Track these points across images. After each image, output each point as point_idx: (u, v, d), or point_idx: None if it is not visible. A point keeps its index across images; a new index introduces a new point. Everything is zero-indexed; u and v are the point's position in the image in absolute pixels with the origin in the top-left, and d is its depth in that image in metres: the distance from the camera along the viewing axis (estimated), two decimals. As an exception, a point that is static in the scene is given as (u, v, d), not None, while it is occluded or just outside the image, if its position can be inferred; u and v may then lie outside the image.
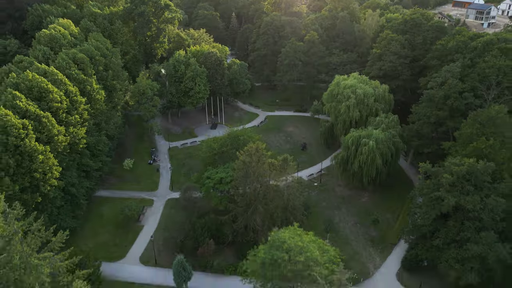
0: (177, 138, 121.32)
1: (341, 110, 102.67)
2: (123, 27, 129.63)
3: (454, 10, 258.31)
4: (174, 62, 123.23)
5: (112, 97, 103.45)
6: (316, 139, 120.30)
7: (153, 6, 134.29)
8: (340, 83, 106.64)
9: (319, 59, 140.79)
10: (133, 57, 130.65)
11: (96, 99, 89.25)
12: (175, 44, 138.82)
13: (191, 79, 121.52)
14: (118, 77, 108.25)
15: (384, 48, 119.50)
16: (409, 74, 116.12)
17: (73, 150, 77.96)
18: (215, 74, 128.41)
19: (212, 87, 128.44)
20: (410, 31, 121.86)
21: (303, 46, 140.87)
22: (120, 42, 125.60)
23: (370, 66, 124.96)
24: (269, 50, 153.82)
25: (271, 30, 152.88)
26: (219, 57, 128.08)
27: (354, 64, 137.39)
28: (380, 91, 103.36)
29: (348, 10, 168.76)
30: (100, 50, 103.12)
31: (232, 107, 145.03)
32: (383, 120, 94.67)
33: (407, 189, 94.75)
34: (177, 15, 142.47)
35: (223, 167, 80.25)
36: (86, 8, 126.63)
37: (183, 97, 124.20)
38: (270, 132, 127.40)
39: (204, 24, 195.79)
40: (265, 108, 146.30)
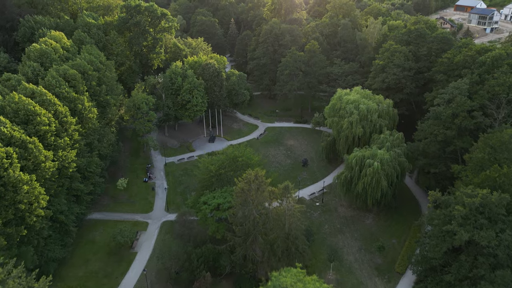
0: (173, 152, 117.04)
1: (344, 126, 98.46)
2: (118, 37, 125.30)
3: (456, 15, 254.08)
4: (170, 74, 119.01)
5: (106, 113, 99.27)
6: (318, 153, 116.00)
7: (149, 15, 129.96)
8: (343, 98, 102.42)
9: (320, 69, 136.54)
10: (129, 68, 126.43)
11: (88, 118, 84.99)
12: (172, 54, 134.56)
13: (188, 92, 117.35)
14: (112, 91, 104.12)
15: (387, 59, 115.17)
16: (413, 87, 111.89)
17: (62, 174, 73.64)
18: (213, 85, 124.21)
19: (210, 99, 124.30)
20: (414, 42, 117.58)
21: (304, 56, 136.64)
22: (115, 53, 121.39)
23: (372, 77, 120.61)
24: (268, 59, 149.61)
25: (271, 39, 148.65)
26: (217, 68, 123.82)
27: (356, 75, 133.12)
28: (384, 106, 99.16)
29: (349, 17, 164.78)
30: (93, 64, 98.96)
31: (231, 118, 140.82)
32: (388, 138, 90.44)
33: (413, 210, 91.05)
34: (174, 24, 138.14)
35: (221, 191, 76.04)
36: (80, 18, 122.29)
37: (180, 110, 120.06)
38: (270, 145, 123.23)
39: (203, 30, 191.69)
40: (265, 119, 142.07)
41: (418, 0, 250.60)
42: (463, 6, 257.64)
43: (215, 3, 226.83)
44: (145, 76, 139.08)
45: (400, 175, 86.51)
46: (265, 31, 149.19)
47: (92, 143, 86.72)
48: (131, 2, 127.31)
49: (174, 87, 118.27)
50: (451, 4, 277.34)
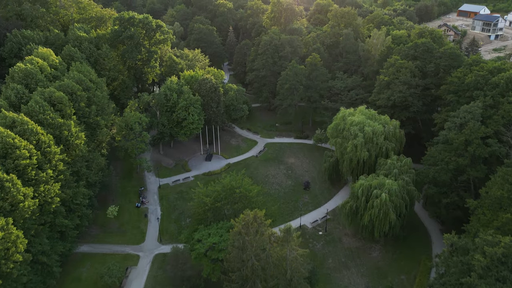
0: (168, 173, 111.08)
1: (348, 149, 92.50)
2: (111, 51, 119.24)
3: (459, 20, 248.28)
4: (165, 90, 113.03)
5: (96, 135, 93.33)
6: (320, 173, 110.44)
7: (144, 28, 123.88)
8: (346, 119, 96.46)
9: (322, 82, 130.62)
10: (122, 83, 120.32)
11: (75, 145, 78.96)
12: (167, 68, 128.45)
13: (184, 109, 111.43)
14: (103, 111, 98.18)
15: (393, 75, 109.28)
16: (420, 105, 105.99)
17: (45, 211, 67.69)
18: (210, 101, 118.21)
19: (207, 115, 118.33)
20: (421, 57, 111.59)
21: (305, 69, 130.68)
22: (107, 68, 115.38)
23: (377, 93, 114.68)
24: (268, 70, 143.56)
25: (270, 50, 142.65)
26: (214, 83, 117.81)
27: (359, 89, 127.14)
28: (391, 128, 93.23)
29: (351, 27, 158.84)
30: (82, 83, 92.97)
31: (229, 133, 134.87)
32: (395, 163, 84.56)
33: (422, 240, 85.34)
34: (170, 36, 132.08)
35: (217, 227, 70.18)
36: (70, 31, 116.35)
37: (175, 128, 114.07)
38: (269, 164, 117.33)
39: (200, 39, 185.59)
40: (264, 134, 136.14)
41: (420, 6, 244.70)
42: (466, 11, 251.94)
43: (213, 10, 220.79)
44: (139, 91, 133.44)
45: (409, 205, 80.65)
46: (265, 42, 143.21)
47: (80, 171, 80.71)
48: (124, 15, 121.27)
49: (169, 104, 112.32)
50: (453, 10, 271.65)
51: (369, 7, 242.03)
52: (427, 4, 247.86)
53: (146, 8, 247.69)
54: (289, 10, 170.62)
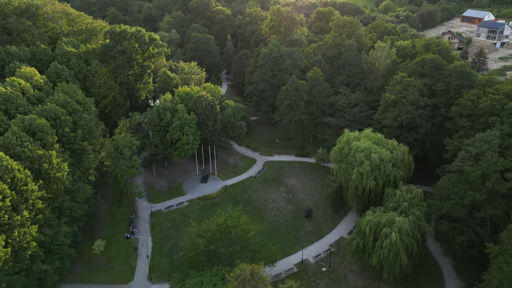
0: (161, 197, 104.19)
1: (353, 176, 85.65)
2: (101, 66, 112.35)
3: (463, 27, 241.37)
4: (159, 109, 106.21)
5: (81, 162, 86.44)
6: (322, 197, 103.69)
7: (136, 41, 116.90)
8: (351, 143, 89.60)
9: (324, 98, 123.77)
10: (113, 101, 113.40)
11: (56, 178, 72.02)
12: (161, 84, 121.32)
13: (179, 129, 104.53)
14: (91, 134, 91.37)
15: (399, 94, 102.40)
16: (429, 126, 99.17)
17: (20, 258, 60.81)
18: (206, 120, 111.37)
19: (202, 134, 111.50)
20: (429, 74, 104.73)
21: (306, 85, 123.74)
22: (97, 85, 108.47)
23: (382, 111, 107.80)
24: (267, 84, 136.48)
25: (270, 63, 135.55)
26: (210, 101, 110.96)
27: (362, 105, 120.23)
28: (399, 154, 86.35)
29: (354, 36, 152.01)
30: (67, 105, 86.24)
31: (226, 151, 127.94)
32: (405, 195, 77.73)
33: (434, 278, 78.49)
34: (164, 49, 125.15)
35: (210, 273, 63.28)
36: (58, 46, 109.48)
37: (169, 148, 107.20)
38: (269, 185, 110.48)
39: (197, 48, 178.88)
40: (263, 151, 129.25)
41: (423, 12, 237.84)
42: (470, 17, 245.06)
43: (211, 16, 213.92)
44: (132, 107, 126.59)
45: (421, 243, 73.73)
46: (264, 55, 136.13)
47: (62, 205, 73.74)
48: (115, 28, 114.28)
49: (162, 124, 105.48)
50: (456, 15, 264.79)
51: (370, 13, 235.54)
52: (430, 10, 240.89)
53: (142, 14, 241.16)
54: (289, 18, 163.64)
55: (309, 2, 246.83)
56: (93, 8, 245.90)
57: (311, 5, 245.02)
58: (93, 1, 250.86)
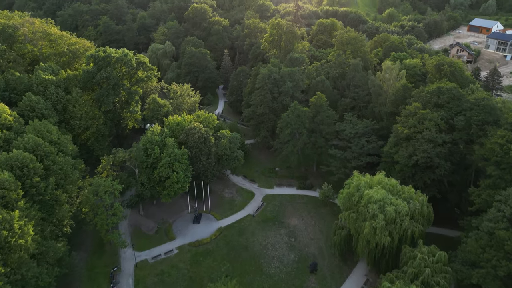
0: (148, 242, 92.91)
1: (365, 230, 74.43)
2: (84, 95, 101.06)
3: (470, 36, 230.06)
4: (146, 144, 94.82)
5: (54, 215, 75.04)
6: (328, 240, 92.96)
7: (123, 65, 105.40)
8: (362, 191, 78.31)
9: (328, 126, 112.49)
10: (96, 132, 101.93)
11: (18, 246, 60.68)
12: (150, 112, 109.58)
13: (168, 165, 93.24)
14: (67, 179, 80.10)
15: (414, 128, 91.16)
16: (448, 165, 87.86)
17: None
18: (199, 154, 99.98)
19: (195, 169, 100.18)
20: (446, 106, 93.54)
21: (309, 112, 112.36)
22: (78, 116, 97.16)
23: (393, 145, 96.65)
24: (266, 107, 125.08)
25: (269, 85, 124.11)
26: (204, 133, 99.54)
27: (371, 134, 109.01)
28: (417, 205, 75.03)
29: (359, 54, 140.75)
30: (39, 149, 74.98)
31: (221, 182, 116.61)
32: (426, 259, 66.53)
33: None
34: (154, 72, 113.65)
35: None
36: (36, 72, 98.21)
37: (157, 187, 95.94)
38: (268, 226, 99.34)
39: (192, 63, 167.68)
40: (262, 182, 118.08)
41: (429, 21, 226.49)
42: (477, 26, 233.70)
43: (207, 27, 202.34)
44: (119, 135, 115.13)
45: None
46: (263, 76, 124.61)
47: (25, 276, 62.30)
48: (99, 53, 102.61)
49: (150, 160, 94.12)
50: (462, 23, 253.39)
51: (374, 23, 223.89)
52: (436, 19, 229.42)
53: (136, 23, 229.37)
54: (289, 33, 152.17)
55: (309, 11, 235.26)
56: (85, 16, 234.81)
57: (312, 13, 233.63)
58: (85, 9, 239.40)
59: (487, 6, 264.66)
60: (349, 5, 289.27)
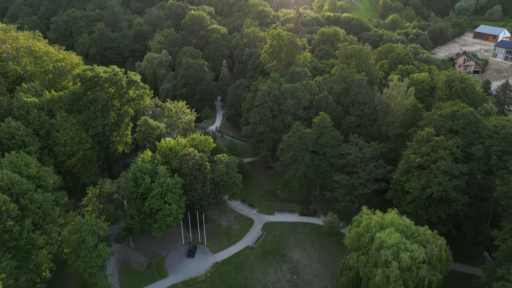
0: (137, 280, 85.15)
1: (376, 278, 66.33)
2: (69, 117, 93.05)
3: (476, 44, 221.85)
4: (135, 172, 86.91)
5: (30, 260, 67.05)
6: (333, 278, 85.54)
7: (113, 85, 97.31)
8: (373, 232, 70.25)
9: (333, 149, 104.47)
10: (83, 158, 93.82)
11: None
12: (141, 134, 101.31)
13: (159, 196, 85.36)
14: (46, 218, 72.08)
15: (427, 157, 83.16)
16: (466, 199, 79.86)
17: None
18: (194, 182, 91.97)
19: (189, 198, 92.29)
20: (462, 132, 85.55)
21: (312, 133, 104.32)
22: (62, 142, 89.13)
23: (404, 173, 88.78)
24: (266, 126, 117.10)
25: (269, 102, 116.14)
26: (198, 159, 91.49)
27: (379, 158, 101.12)
28: (435, 250, 66.91)
29: (363, 67, 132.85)
30: (14, 187, 66.90)
31: (218, 208, 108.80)
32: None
33: None
34: (146, 91, 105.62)
35: None
36: (17, 94, 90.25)
37: (148, 219, 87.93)
38: (269, 261, 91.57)
39: (189, 75, 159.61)
40: (262, 207, 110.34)
41: (434, 28, 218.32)
42: (483, 33, 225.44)
43: (205, 36, 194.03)
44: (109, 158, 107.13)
45: None
46: (262, 94, 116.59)
47: None
48: (87, 72, 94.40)
49: (140, 190, 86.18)
50: (468, 29, 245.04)
51: (377, 30, 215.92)
52: (441, 25, 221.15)
53: (132, 30, 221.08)
54: (290, 44, 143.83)
55: (310, 17, 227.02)
56: (80, 23, 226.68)
57: (313, 20, 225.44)
58: (79, 15, 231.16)
59: (492, 12, 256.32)
60: (351, 10, 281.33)
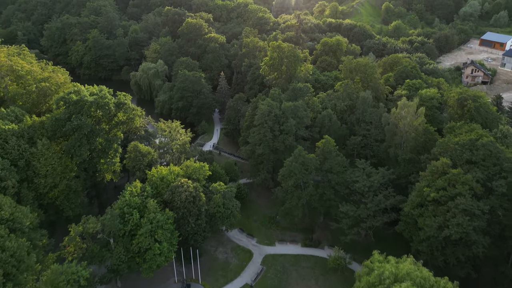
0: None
1: None
2: (52, 145, 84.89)
3: (483, 52, 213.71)
4: (123, 207, 78.82)
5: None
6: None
7: (100, 109, 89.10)
8: (386, 283, 62.18)
9: (338, 175, 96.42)
10: (67, 189, 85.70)
11: None
12: (130, 161, 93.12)
13: (149, 234, 77.35)
14: (20, 267, 63.90)
15: (443, 191, 75.11)
16: (487, 240, 71.83)
17: None
18: (187, 215, 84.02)
19: (182, 233, 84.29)
20: (481, 164, 77.45)
21: (315, 159, 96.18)
22: (42, 173, 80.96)
23: (417, 205, 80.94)
24: (266, 147, 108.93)
25: (269, 122, 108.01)
26: (192, 191, 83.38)
27: (388, 185, 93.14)
28: (455, 306, 59.08)
29: (369, 84, 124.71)
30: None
31: (215, 238, 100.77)
32: None
33: None
34: (137, 112, 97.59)
35: None
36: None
37: (137, 258, 79.83)
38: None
39: (185, 88, 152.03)
40: (262, 237, 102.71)
41: (439, 36, 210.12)
42: (490, 41, 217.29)
43: (203, 45, 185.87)
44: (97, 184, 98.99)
45: None
46: (262, 113, 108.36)
47: None
48: (71, 95, 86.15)
49: (127, 228, 78.11)
50: (473, 35, 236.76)
51: (381, 37, 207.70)
52: (446, 33, 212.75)
53: (128, 38, 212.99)
54: (291, 56, 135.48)
55: (312, 24, 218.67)
56: (74, 30, 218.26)
57: (314, 27, 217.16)
58: (73, 22, 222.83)
59: (498, 18, 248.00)
60: (353, 15, 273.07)
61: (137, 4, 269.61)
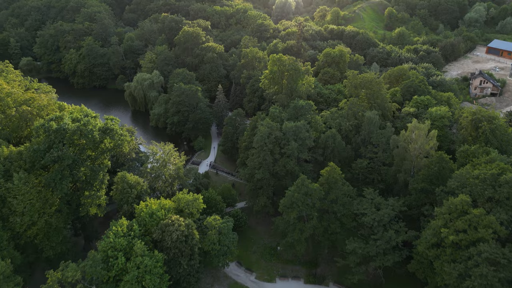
0: None
1: None
2: (31, 177, 76.52)
3: (490, 60, 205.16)
4: (107, 250, 70.56)
5: None
6: None
7: (83, 138, 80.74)
8: None
9: (344, 207, 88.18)
10: (46, 226, 77.40)
11: None
12: (118, 194, 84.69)
13: (136, 281, 69.07)
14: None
15: (463, 234, 66.93)
16: (513, 293, 63.81)
17: None
18: (179, 257, 75.76)
19: (173, 276, 76.05)
20: (505, 203, 69.15)
21: (320, 189, 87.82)
22: (19, 211, 72.68)
23: (432, 246, 72.75)
24: (266, 172, 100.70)
25: (269, 145, 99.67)
26: (184, 230, 75.12)
27: (399, 219, 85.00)
28: None
29: (375, 101, 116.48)
30: None
31: (210, 272, 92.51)
32: None
33: None
34: (126, 138, 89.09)
35: None
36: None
37: (124, 304, 71.54)
38: None
39: (181, 102, 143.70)
40: (261, 271, 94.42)
41: (445, 44, 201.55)
42: (497, 49, 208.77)
43: (200, 54, 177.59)
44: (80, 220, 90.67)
45: None
46: (262, 136, 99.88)
47: None
48: (51, 123, 77.80)
49: (111, 274, 69.84)
50: (479, 42, 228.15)
51: (385, 45, 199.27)
52: (452, 41, 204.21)
53: (123, 45, 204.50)
54: (292, 69, 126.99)
55: (313, 31, 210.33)
56: (68, 37, 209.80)
57: (316, 34, 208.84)
58: (67, 29, 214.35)
59: (504, 24, 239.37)
60: (354, 20, 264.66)
61: (134, 10, 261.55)
